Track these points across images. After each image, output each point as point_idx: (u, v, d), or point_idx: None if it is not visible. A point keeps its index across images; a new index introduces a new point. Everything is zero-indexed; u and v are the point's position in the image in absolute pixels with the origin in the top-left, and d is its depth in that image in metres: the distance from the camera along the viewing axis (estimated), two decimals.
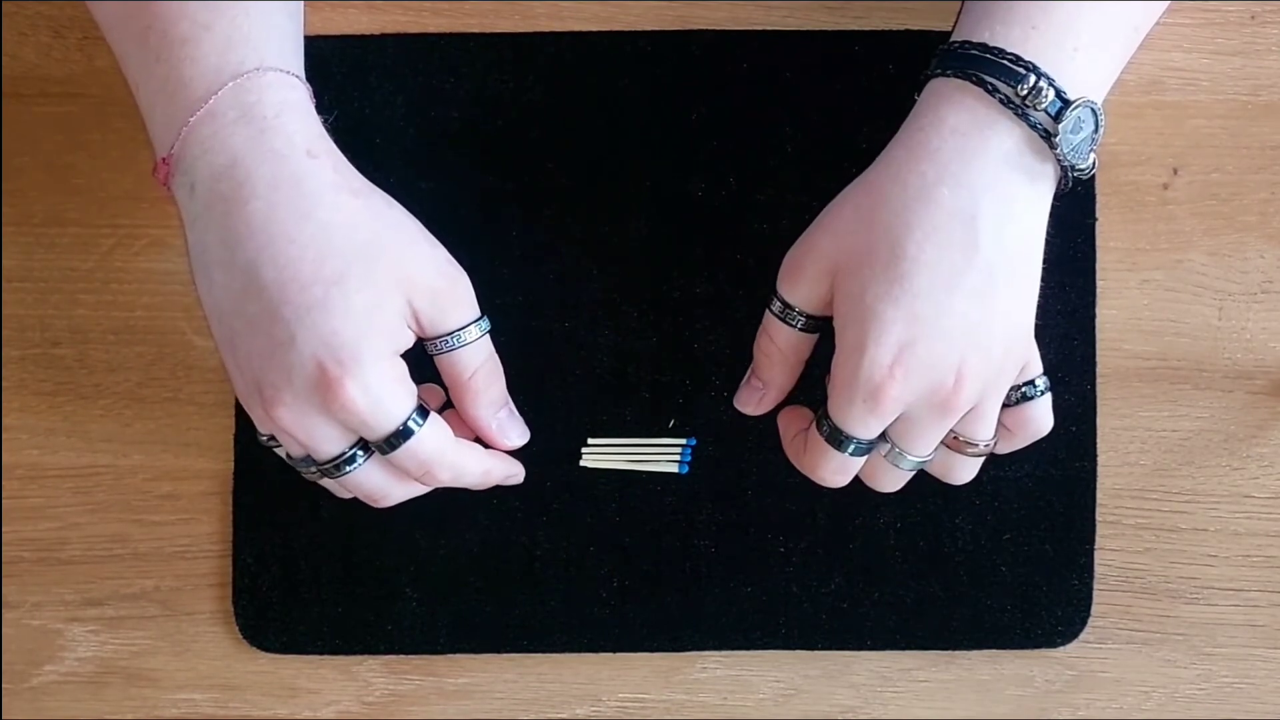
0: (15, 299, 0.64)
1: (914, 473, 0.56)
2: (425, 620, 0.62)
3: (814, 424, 0.55)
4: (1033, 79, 0.51)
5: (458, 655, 0.63)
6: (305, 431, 0.53)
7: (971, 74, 0.52)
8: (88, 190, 0.64)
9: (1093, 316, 0.62)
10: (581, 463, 0.62)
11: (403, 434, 0.53)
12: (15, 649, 0.64)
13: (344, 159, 0.55)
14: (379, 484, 0.56)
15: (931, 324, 0.51)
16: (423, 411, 0.54)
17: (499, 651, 0.63)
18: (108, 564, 0.63)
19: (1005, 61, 0.52)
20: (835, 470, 0.55)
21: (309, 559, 0.62)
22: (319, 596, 0.62)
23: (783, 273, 0.56)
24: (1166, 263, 0.63)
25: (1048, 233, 0.53)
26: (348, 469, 0.55)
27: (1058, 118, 0.52)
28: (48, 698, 0.64)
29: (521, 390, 0.62)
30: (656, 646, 0.63)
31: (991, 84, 0.52)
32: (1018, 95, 0.51)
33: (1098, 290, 0.62)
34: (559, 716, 0.63)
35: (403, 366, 0.54)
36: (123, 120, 0.63)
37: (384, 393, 0.53)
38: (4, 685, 0.64)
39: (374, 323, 0.52)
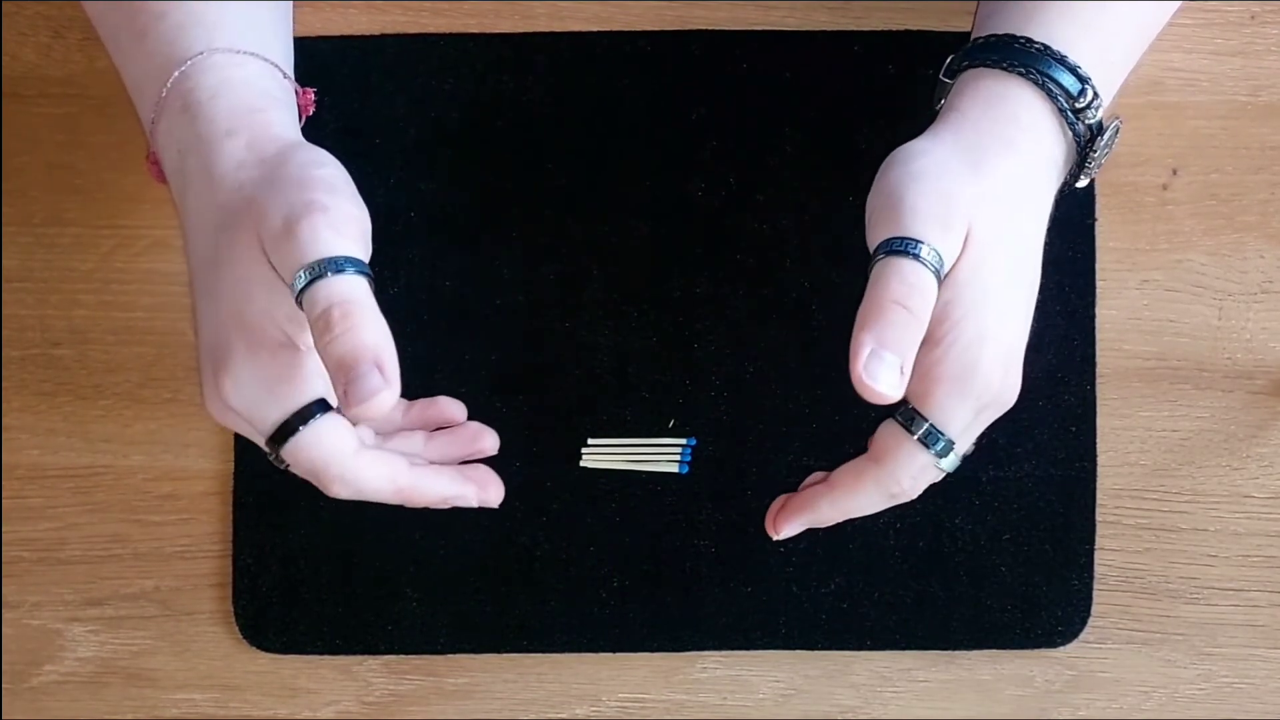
0: (15, 299, 0.64)
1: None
2: (425, 620, 0.62)
3: (890, 430, 0.52)
4: (1090, 92, 0.51)
5: (458, 655, 0.63)
6: (231, 425, 0.51)
7: (1034, 72, 0.52)
8: (88, 190, 0.64)
9: (1093, 316, 0.62)
10: (581, 463, 0.62)
11: (280, 435, 0.50)
12: (15, 649, 0.64)
13: (274, 130, 0.52)
14: (314, 481, 0.52)
15: (1024, 329, 0.51)
16: (318, 410, 0.50)
17: (499, 651, 0.63)
18: (108, 564, 0.63)
19: (1068, 68, 0.52)
20: (916, 474, 0.52)
21: (309, 559, 0.62)
22: (319, 596, 0.62)
23: (928, 216, 0.50)
24: (1166, 263, 0.63)
25: (1048, 233, 0.54)
26: (281, 464, 0.52)
27: (1097, 132, 0.52)
28: (48, 698, 0.64)
29: (521, 390, 0.62)
30: (656, 646, 0.63)
31: (1053, 89, 0.51)
32: (1074, 106, 0.51)
33: (1097, 290, 0.62)
34: (559, 716, 0.63)
35: (288, 360, 0.50)
36: (123, 120, 0.63)
37: (255, 390, 0.49)
38: (4, 685, 0.64)
39: (242, 309, 0.49)
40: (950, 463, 0.52)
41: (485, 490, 0.56)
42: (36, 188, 0.64)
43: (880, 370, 0.48)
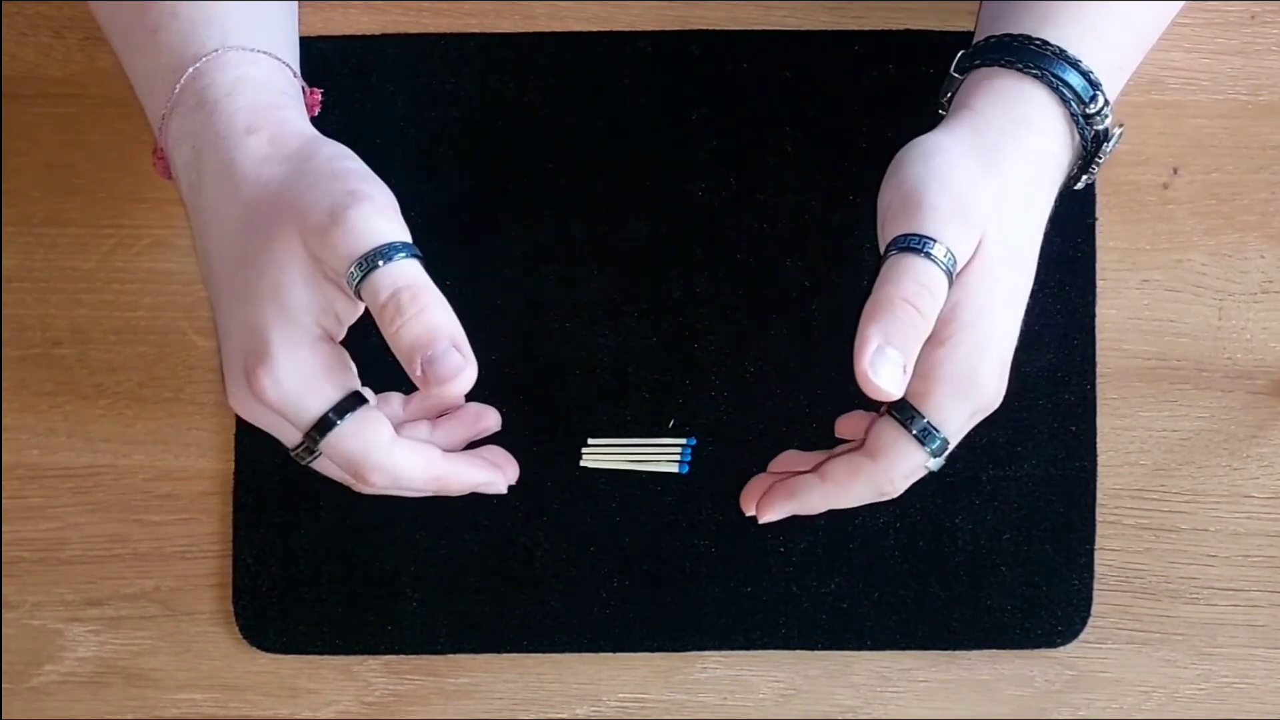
0: (15, 299, 0.64)
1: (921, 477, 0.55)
2: (425, 620, 0.62)
3: (885, 425, 0.52)
4: (1101, 99, 0.51)
5: (458, 655, 0.63)
6: (259, 421, 0.51)
7: (1049, 76, 0.52)
8: (88, 190, 0.64)
9: (1093, 316, 0.62)
10: (581, 463, 0.62)
11: (320, 427, 0.50)
12: (15, 649, 0.64)
13: (294, 125, 0.52)
14: (340, 475, 0.53)
15: (1014, 334, 0.51)
16: (353, 403, 0.50)
17: (499, 651, 0.63)
18: (108, 564, 0.63)
19: (1080, 73, 0.52)
20: (910, 473, 0.52)
21: (309, 559, 0.62)
22: (319, 596, 0.62)
23: (946, 215, 0.50)
24: (1166, 263, 0.63)
25: (1048, 233, 0.54)
26: (306, 458, 0.52)
27: (1105, 138, 0.52)
28: (48, 698, 0.64)
29: (521, 390, 0.62)
30: (656, 646, 0.63)
31: (1066, 94, 0.52)
32: (1085, 110, 0.51)
33: (1098, 290, 0.62)
34: (559, 716, 0.63)
35: (326, 354, 0.50)
36: (123, 120, 0.63)
37: (295, 384, 0.49)
38: (4, 685, 0.64)
39: (283, 303, 0.49)
40: (938, 462, 0.52)
41: (506, 471, 0.58)
42: (36, 188, 0.64)
43: (884, 366, 0.48)
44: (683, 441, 0.62)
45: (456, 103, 0.63)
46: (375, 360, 0.53)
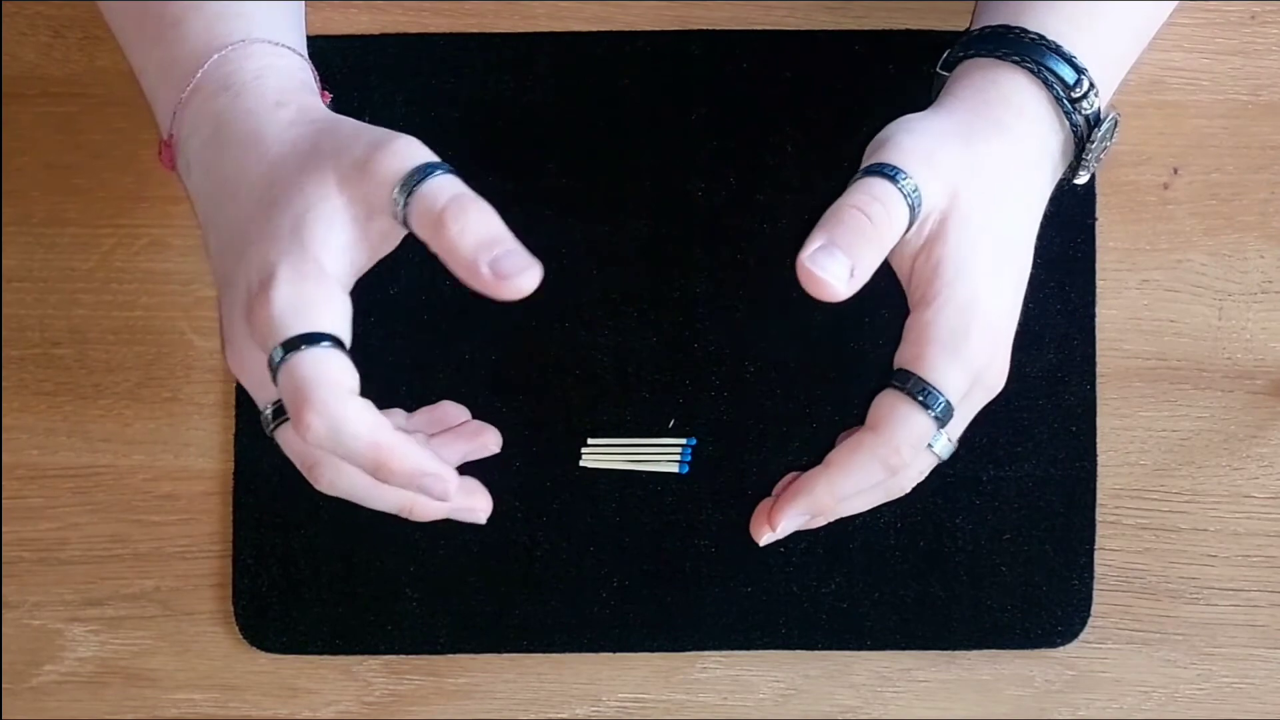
0: (15, 299, 0.64)
1: (927, 472, 0.55)
2: (425, 620, 0.62)
3: (890, 394, 0.50)
4: (1086, 83, 0.51)
5: (458, 655, 0.63)
6: (242, 372, 0.50)
7: (1029, 60, 0.52)
8: (88, 190, 0.64)
9: (1093, 316, 0.62)
10: (581, 463, 0.62)
11: (288, 346, 0.46)
12: (15, 649, 0.64)
13: (318, 104, 0.53)
14: (298, 449, 0.50)
15: (1012, 314, 0.51)
16: (330, 343, 0.47)
17: (499, 651, 0.63)
18: (108, 564, 0.63)
19: (1063, 58, 0.52)
20: (918, 439, 0.50)
21: (309, 559, 0.62)
22: (319, 596, 0.62)
23: (914, 154, 0.50)
24: (1166, 263, 0.63)
25: (1048, 233, 0.54)
26: (273, 422, 0.51)
27: (1094, 124, 0.52)
28: (48, 698, 0.64)
29: (521, 390, 0.62)
30: (656, 646, 0.63)
31: (1051, 80, 0.52)
32: (1070, 95, 0.52)
33: (1098, 290, 0.62)
34: (559, 716, 0.63)
35: (330, 292, 0.48)
36: (123, 120, 0.63)
37: (286, 307, 0.46)
38: (4, 685, 0.64)
39: (298, 237, 0.48)
40: (944, 447, 0.52)
41: (477, 503, 0.54)
42: (36, 188, 0.64)
43: (829, 262, 0.48)
44: (683, 441, 0.62)
45: (456, 103, 0.63)
46: (375, 367, 0.53)
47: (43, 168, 0.64)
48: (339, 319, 0.48)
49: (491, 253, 0.47)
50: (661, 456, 0.62)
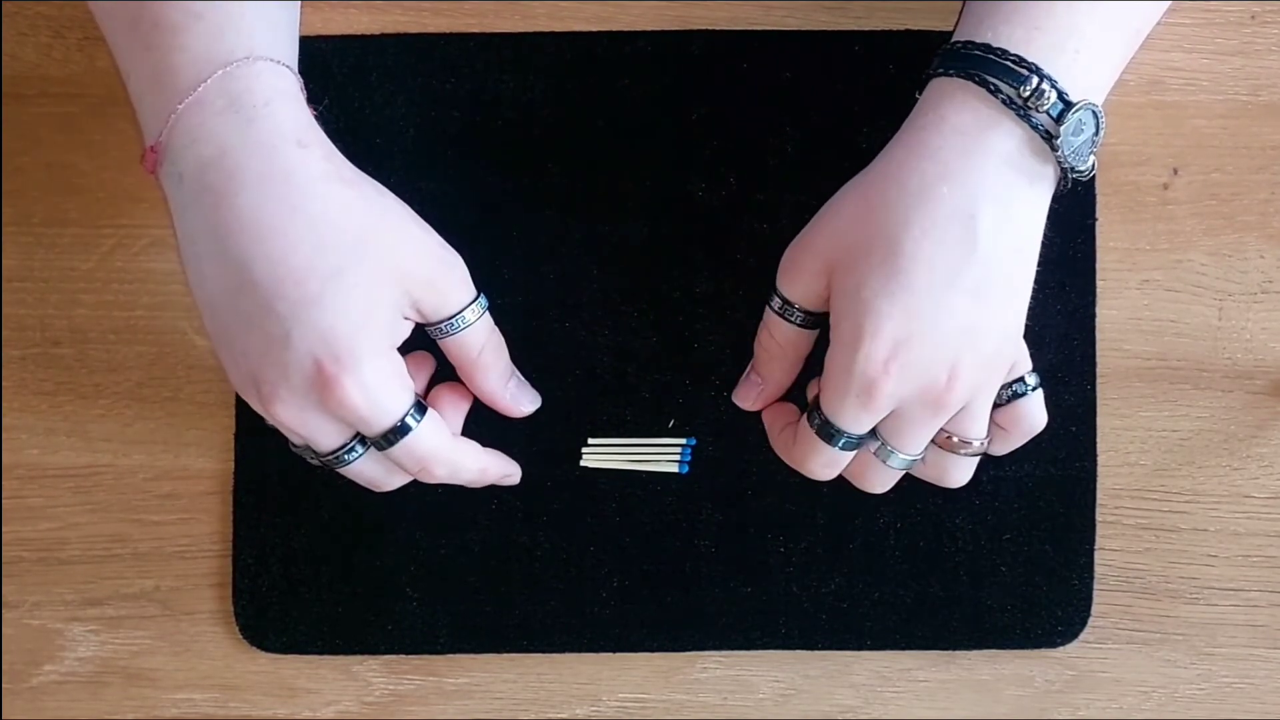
0: (15, 299, 0.64)
1: (902, 472, 0.56)
2: (425, 620, 0.62)
3: (804, 417, 0.55)
4: (1035, 80, 0.51)
5: (458, 655, 0.63)
6: (303, 427, 0.53)
7: (974, 74, 0.52)
8: (88, 190, 0.64)
9: (1093, 316, 0.62)
10: (581, 463, 0.62)
11: (400, 430, 0.54)
12: (15, 649, 0.64)
13: (334, 148, 0.54)
14: (378, 475, 0.57)
15: (928, 321, 0.51)
16: (420, 408, 0.55)
17: (499, 651, 0.63)
18: (108, 564, 0.63)
19: (1008, 62, 0.52)
20: (825, 464, 0.56)
21: (309, 559, 0.62)
22: (319, 596, 0.62)
23: (782, 269, 0.56)
24: (1166, 263, 0.63)
25: (1048, 233, 0.53)
26: (347, 459, 0.55)
27: (1059, 119, 0.51)
28: (48, 698, 0.64)
29: None
30: (656, 646, 0.63)
31: (994, 84, 0.51)
32: (1020, 96, 0.51)
33: (1098, 290, 0.62)
34: (559, 716, 0.63)
35: (400, 362, 0.54)
36: (123, 120, 0.63)
37: (381, 390, 0.53)
38: (4, 685, 0.64)
39: (371, 318, 0.52)
40: (899, 461, 0.55)
41: (510, 466, 0.62)
42: (36, 188, 0.64)
43: (741, 387, 0.60)
44: (683, 441, 0.62)
45: (456, 103, 0.63)
46: None
47: (43, 168, 0.64)
48: (409, 381, 0.55)
49: (508, 386, 0.60)
50: (661, 456, 0.62)
